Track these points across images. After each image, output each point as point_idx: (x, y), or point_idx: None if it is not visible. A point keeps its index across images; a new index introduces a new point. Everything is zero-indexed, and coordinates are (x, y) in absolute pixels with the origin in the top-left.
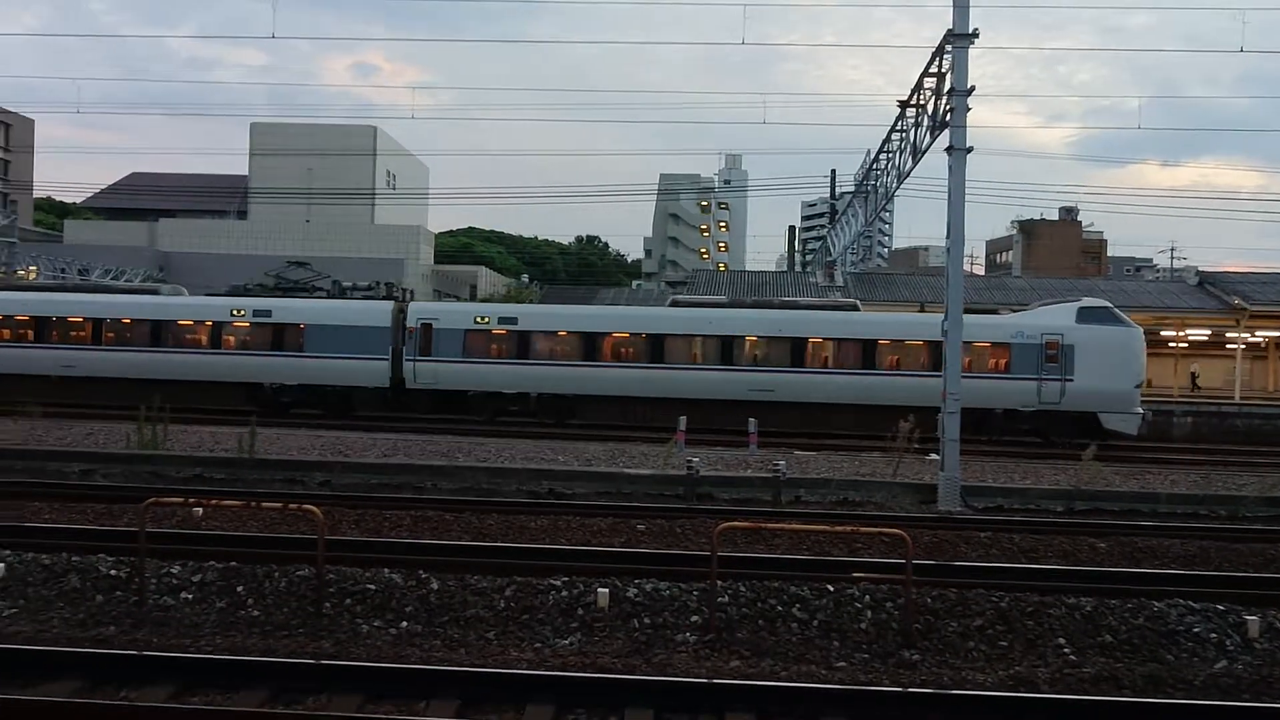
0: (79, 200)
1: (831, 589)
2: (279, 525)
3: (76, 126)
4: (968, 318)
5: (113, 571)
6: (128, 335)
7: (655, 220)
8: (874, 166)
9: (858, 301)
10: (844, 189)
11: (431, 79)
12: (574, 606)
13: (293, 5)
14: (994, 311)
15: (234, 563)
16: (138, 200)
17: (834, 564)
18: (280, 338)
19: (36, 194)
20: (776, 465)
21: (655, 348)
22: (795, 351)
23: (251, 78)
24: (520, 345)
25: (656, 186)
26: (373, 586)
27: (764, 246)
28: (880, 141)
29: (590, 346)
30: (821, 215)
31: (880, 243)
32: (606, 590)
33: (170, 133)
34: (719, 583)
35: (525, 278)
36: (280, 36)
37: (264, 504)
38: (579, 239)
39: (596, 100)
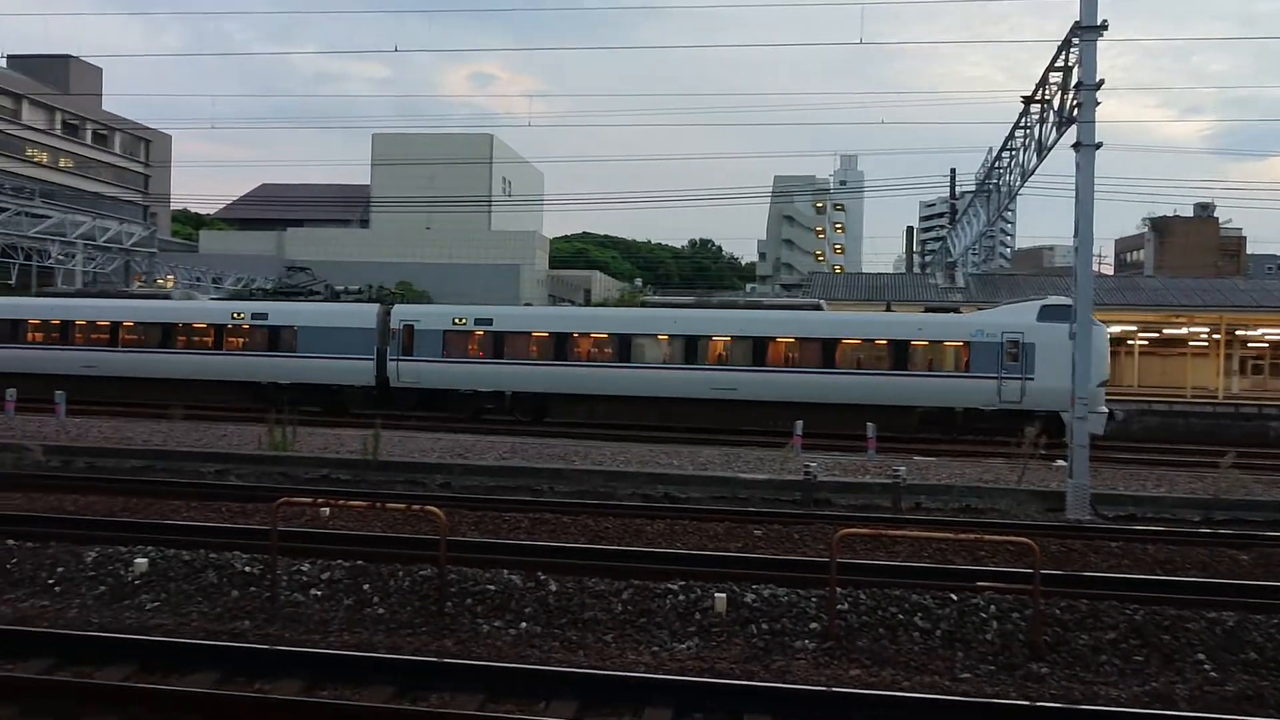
0: (213, 212)
1: (955, 598)
2: (402, 526)
3: (211, 141)
4: (928, 317)
5: (247, 568)
6: (142, 338)
7: (769, 223)
8: (996, 164)
9: (821, 302)
10: (964, 188)
11: (547, 86)
12: (691, 611)
13: (415, 19)
14: (957, 310)
15: (360, 561)
16: (266, 210)
17: (957, 572)
18: (276, 339)
19: (174, 206)
20: (896, 471)
21: (623, 347)
22: (757, 351)
23: (375, 90)
24: (496, 345)
25: (770, 189)
26: (493, 587)
27: (881, 248)
28: (1003, 139)
29: (561, 346)
30: (941, 215)
31: (1003, 243)
32: (724, 595)
33: (298, 145)
34: (838, 589)
35: (639, 282)
36: (403, 50)
37: (388, 505)
38: (692, 242)
39: (710, 104)
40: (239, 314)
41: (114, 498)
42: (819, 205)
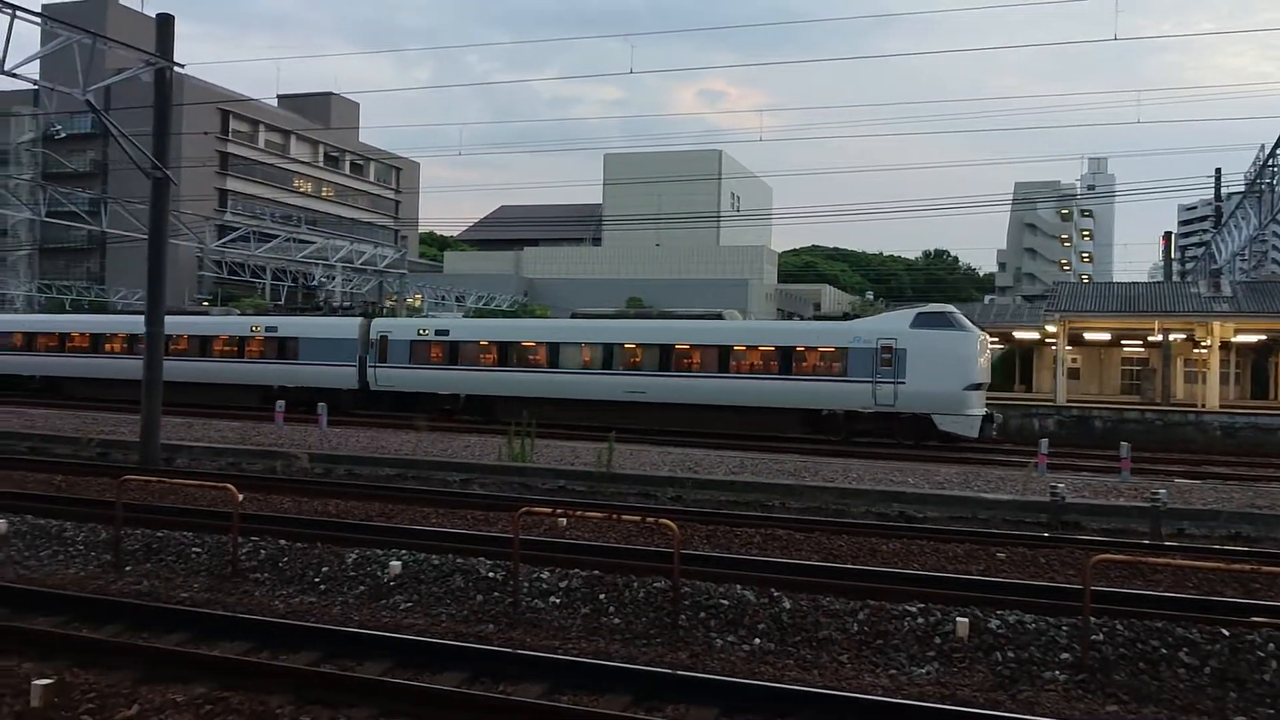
0: (456, 233)
1: (1226, 633)
2: (635, 537)
3: (453, 167)
4: (812, 325)
5: (490, 574)
6: (184, 348)
7: (1010, 231)
8: (1270, 162)
9: (722, 311)
10: (1231, 189)
11: (776, 100)
12: (931, 634)
13: (647, 40)
14: (847, 318)
15: (596, 571)
16: (505, 231)
17: (1228, 605)
18: (283, 349)
19: (421, 229)
20: (1156, 494)
21: (553, 355)
22: (662, 358)
23: (607, 112)
24: (451, 353)
25: (1011, 196)
26: (725, 602)
27: (1135, 255)
28: (1277, 135)
29: (504, 354)
30: (1204, 219)
31: (1276, 247)
32: (966, 620)
33: (535, 168)
34: (1091, 619)
35: (870, 295)
36: (637, 71)
37: (623, 517)
38: (926, 254)
39: (945, 111)
40: (255, 327)
41: (370, 503)
42: (1064, 212)
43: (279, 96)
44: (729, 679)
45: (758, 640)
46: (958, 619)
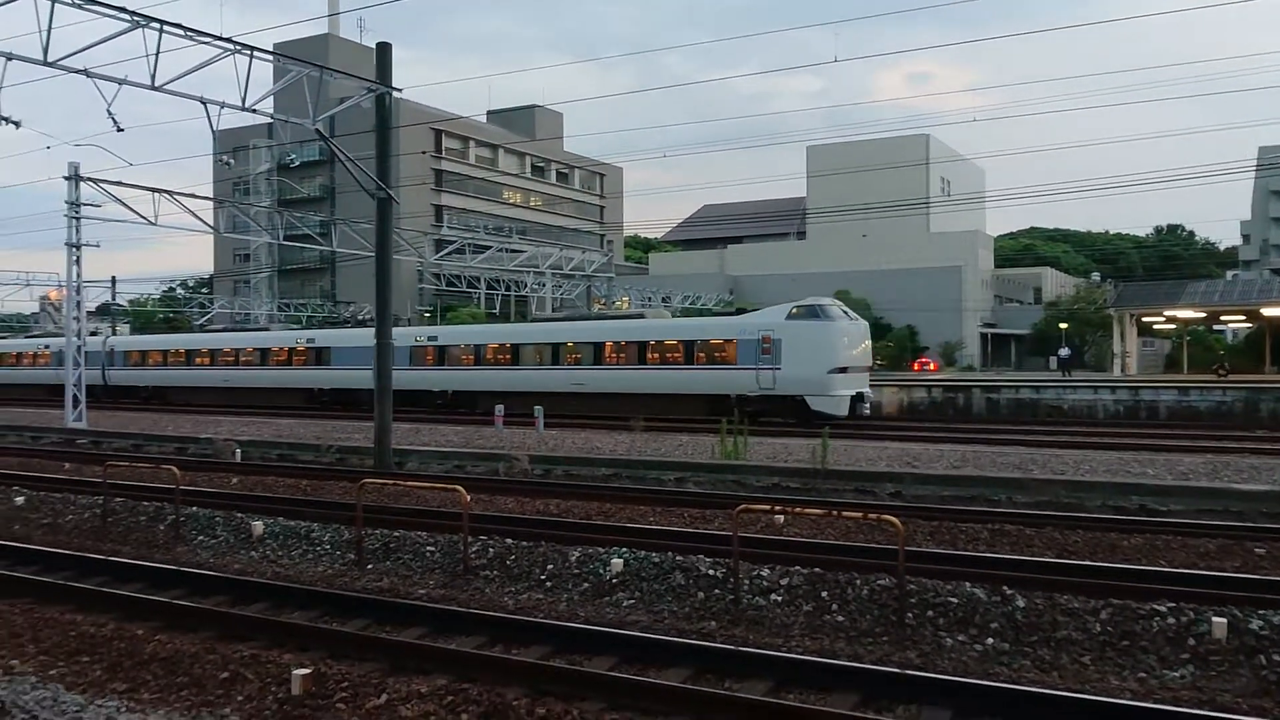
0: (660, 235)
1: None
2: (855, 534)
3: (655, 169)
4: (712, 320)
5: (710, 571)
6: (252, 359)
7: (1254, 201)
8: None
9: (645, 311)
10: None
11: (989, 78)
12: (1183, 636)
13: (849, 27)
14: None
15: (817, 569)
16: (709, 230)
17: None
18: (320, 357)
19: (626, 233)
20: None
21: (515, 354)
22: (597, 352)
23: (808, 103)
24: (439, 356)
25: (1255, 162)
26: (954, 600)
27: None
28: None
29: (478, 355)
30: None
31: None
32: (1224, 620)
33: (736, 165)
34: None
35: (1096, 276)
36: (842, 59)
37: (844, 513)
38: (1157, 229)
39: (1174, 75)
40: (300, 340)
41: (589, 502)
42: None
43: (488, 113)
44: (962, 679)
45: (990, 640)
46: (1213, 619)
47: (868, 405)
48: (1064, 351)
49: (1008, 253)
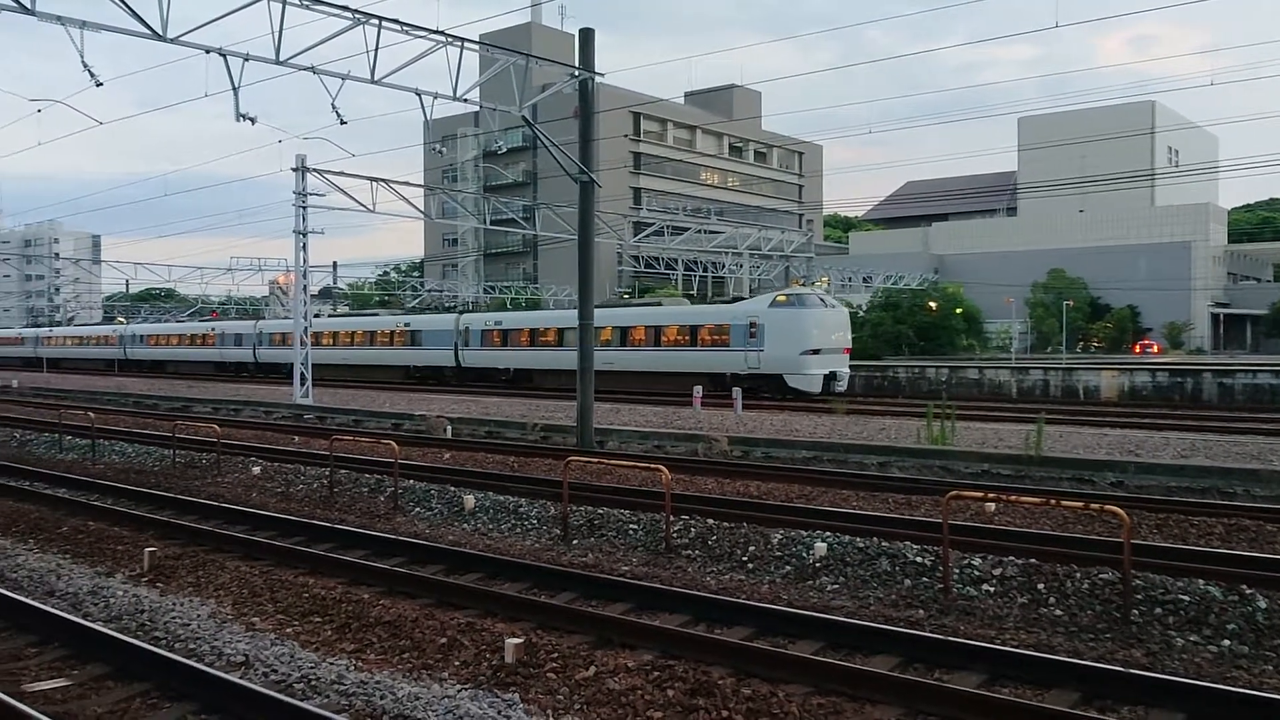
0: (861, 213)
1: None
2: (1072, 525)
3: (855, 146)
4: (712, 307)
5: (918, 559)
6: (360, 341)
7: None
8: None
9: (662, 300)
10: None
11: (1221, 39)
12: None
13: None
14: (737, 300)
15: (1032, 560)
16: (912, 208)
17: None
18: (414, 338)
19: (825, 212)
20: None
21: (560, 337)
22: (623, 336)
23: (1022, 73)
24: (504, 338)
25: None
26: (1185, 597)
27: None
28: None
29: (533, 337)
30: None
31: None
32: None
33: (941, 139)
34: None
35: None
36: (1063, 25)
37: (1063, 502)
38: None
39: None
40: (398, 324)
41: (790, 485)
42: None
43: (686, 94)
44: (1195, 681)
45: (1226, 641)
46: None
47: (841, 383)
48: None
49: (1244, 226)
